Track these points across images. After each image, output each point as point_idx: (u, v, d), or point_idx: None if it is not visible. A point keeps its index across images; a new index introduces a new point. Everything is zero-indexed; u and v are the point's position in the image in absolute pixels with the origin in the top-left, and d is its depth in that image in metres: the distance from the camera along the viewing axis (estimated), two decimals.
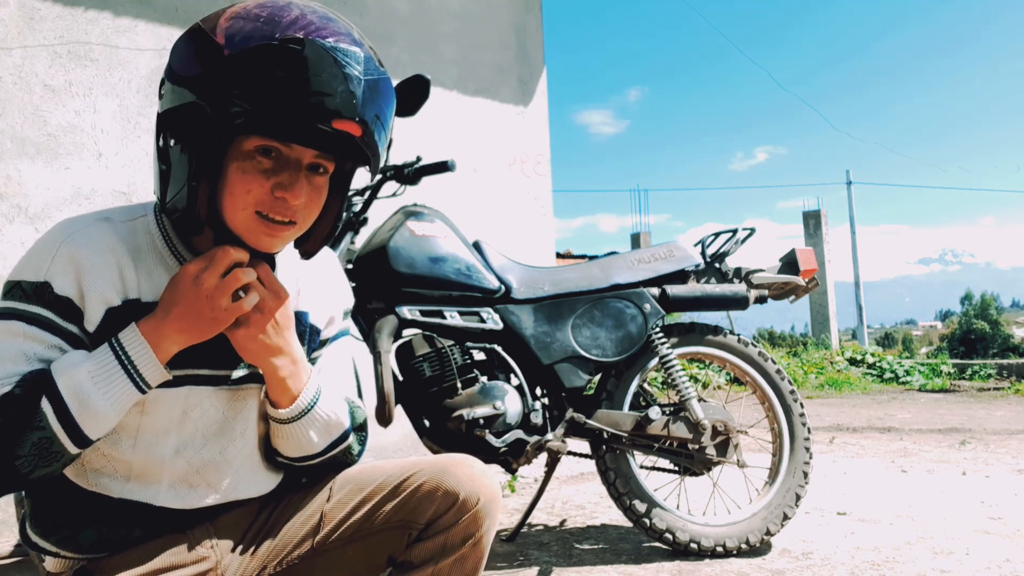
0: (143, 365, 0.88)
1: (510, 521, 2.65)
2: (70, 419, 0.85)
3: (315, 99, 0.84)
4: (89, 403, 0.85)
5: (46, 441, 0.84)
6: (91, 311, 0.91)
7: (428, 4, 3.72)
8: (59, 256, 0.90)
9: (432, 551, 0.98)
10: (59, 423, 0.84)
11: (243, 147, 0.89)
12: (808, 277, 2.46)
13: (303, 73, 0.84)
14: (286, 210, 0.91)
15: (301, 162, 0.91)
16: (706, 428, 2.20)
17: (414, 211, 2.15)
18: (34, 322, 0.89)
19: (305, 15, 0.87)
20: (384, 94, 0.92)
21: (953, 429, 5.05)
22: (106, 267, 0.92)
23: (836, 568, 2.07)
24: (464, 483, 0.99)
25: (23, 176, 2.57)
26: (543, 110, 4.14)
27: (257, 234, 0.92)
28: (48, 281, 0.89)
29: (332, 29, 0.87)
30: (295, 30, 0.85)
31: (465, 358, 2.08)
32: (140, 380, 0.88)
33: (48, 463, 0.86)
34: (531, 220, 4.00)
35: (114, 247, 0.93)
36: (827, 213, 19.36)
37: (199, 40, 0.88)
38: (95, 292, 0.91)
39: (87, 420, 0.86)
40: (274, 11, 0.87)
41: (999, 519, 2.57)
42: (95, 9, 2.76)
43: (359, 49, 0.88)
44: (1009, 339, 23.78)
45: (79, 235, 0.92)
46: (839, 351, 11.65)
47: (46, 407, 0.84)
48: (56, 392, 0.84)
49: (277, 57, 0.84)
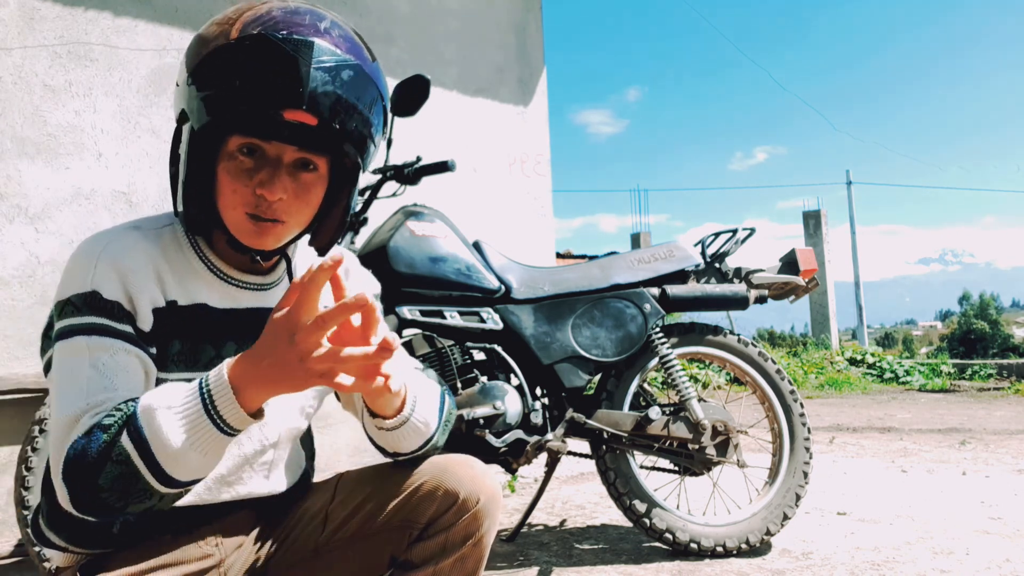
0: (227, 412, 0.81)
1: (510, 521, 2.65)
2: (151, 457, 0.80)
3: (265, 90, 0.87)
4: (169, 444, 0.80)
5: (130, 477, 0.80)
6: (142, 312, 0.93)
7: (428, 4, 3.72)
8: (100, 265, 0.91)
9: (433, 551, 0.98)
10: (142, 460, 0.80)
11: (228, 148, 0.92)
12: (808, 277, 2.46)
13: (255, 66, 0.87)
14: (268, 208, 0.92)
15: (281, 159, 0.92)
16: (706, 428, 2.20)
17: (414, 211, 2.15)
18: (93, 331, 0.89)
19: (271, 12, 0.90)
20: (350, 82, 0.91)
21: (953, 429, 5.05)
22: (145, 271, 0.94)
23: (836, 568, 2.07)
24: (464, 483, 0.99)
25: (23, 176, 2.57)
26: (543, 110, 4.14)
27: (248, 234, 0.94)
28: (96, 290, 0.90)
29: (291, 21, 0.89)
30: (254, 27, 0.88)
31: (465, 358, 2.08)
32: (224, 425, 0.81)
33: (139, 499, 0.82)
34: (531, 220, 3.99)
35: (148, 252, 0.95)
36: (827, 213, 19.35)
37: (193, 46, 0.93)
38: (141, 294, 0.92)
39: (169, 460, 0.80)
40: (243, 10, 0.91)
41: (999, 519, 2.57)
42: (95, 9, 2.76)
43: (318, 38, 0.89)
44: (1009, 339, 23.78)
45: (114, 244, 0.93)
46: (839, 351, 11.64)
47: (127, 443, 0.80)
48: (138, 428, 0.80)
49: (234, 55, 0.88)
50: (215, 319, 0.99)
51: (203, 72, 0.90)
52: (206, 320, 0.98)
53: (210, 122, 0.89)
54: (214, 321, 0.99)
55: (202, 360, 0.98)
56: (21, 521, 2.02)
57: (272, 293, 1.05)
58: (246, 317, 1.02)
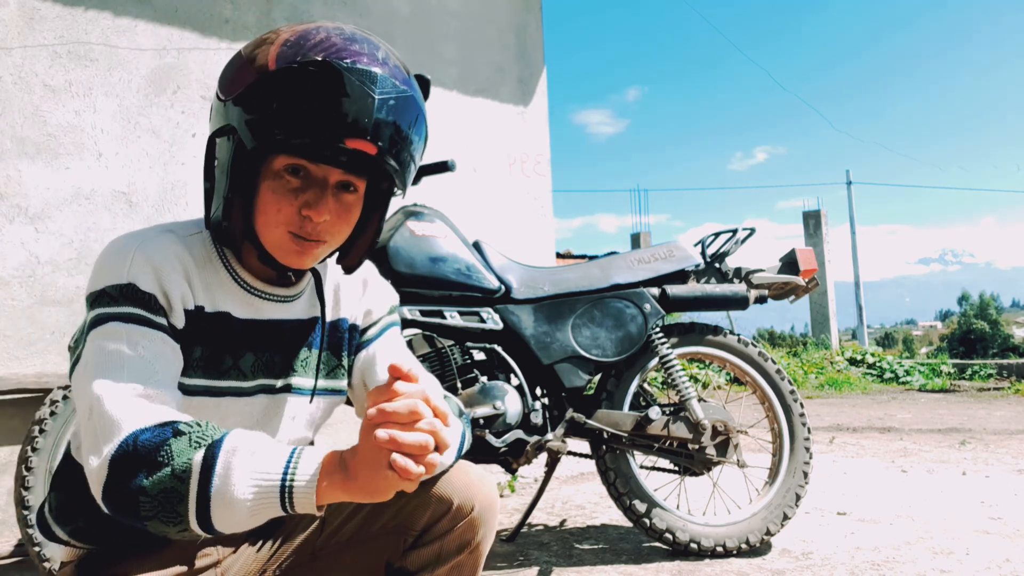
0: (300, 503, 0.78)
1: (510, 521, 2.65)
2: (207, 491, 0.77)
3: (329, 118, 0.87)
4: (231, 490, 0.76)
5: (175, 496, 0.77)
6: (176, 309, 0.92)
7: (428, 4, 3.72)
8: (136, 259, 0.91)
9: (428, 558, 0.99)
10: (197, 488, 0.77)
11: (274, 166, 0.92)
12: (808, 277, 2.46)
13: (317, 93, 0.87)
14: (313, 229, 0.92)
15: (327, 181, 0.93)
16: (706, 428, 2.20)
17: (414, 211, 2.15)
18: (130, 320, 0.88)
19: (330, 37, 0.90)
20: (405, 112, 0.92)
21: (953, 429, 5.05)
22: (176, 272, 0.93)
23: (836, 568, 2.07)
24: (459, 489, 0.99)
25: (23, 176, 2.57)
26: (543, 110, 4.14)
27: (288, 252, 0.94)
28: (132, 282, 0.90)
29: (352, 50, 0.89)
30: (316, 53, 0.88)
31: (465, 358, 2.08)
32: (289, 506, 0.78)
33: (166, 521, 0.78)
34: (531, 220, 4.00)
35: (180, 255, 0.95)
36: (827, 213, 19.35)
37: (238, 64, 0.93)
38: (175, 292, 0.92)
39: (219, 502, 0.77)
40: (303, 35, 0.90)
41: (999, 519, 2.57)
42: (95, 9, 2.76)
43: (379, 68, 0.89)
44: (1009, 339, 23.78)
45: (150, 242, 0.93)
46: (839, 351, 11.64)
47: (196, 463, 0.77)
48: (214, 456, 0.78)
49: (294, 79, 0.87)
50: (236, 329, 0.99)
51: (259, 93, 0.89)
52: (228, 329, 0.98)
53: (267, 144, 0.89)
54: (235, 331, 0.99)
55: (221, 368, 0.98)
56: (21, 521, 2.02)
57: (294, 305, 1.05)
58: (267, 328, 1.02)
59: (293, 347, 1.04)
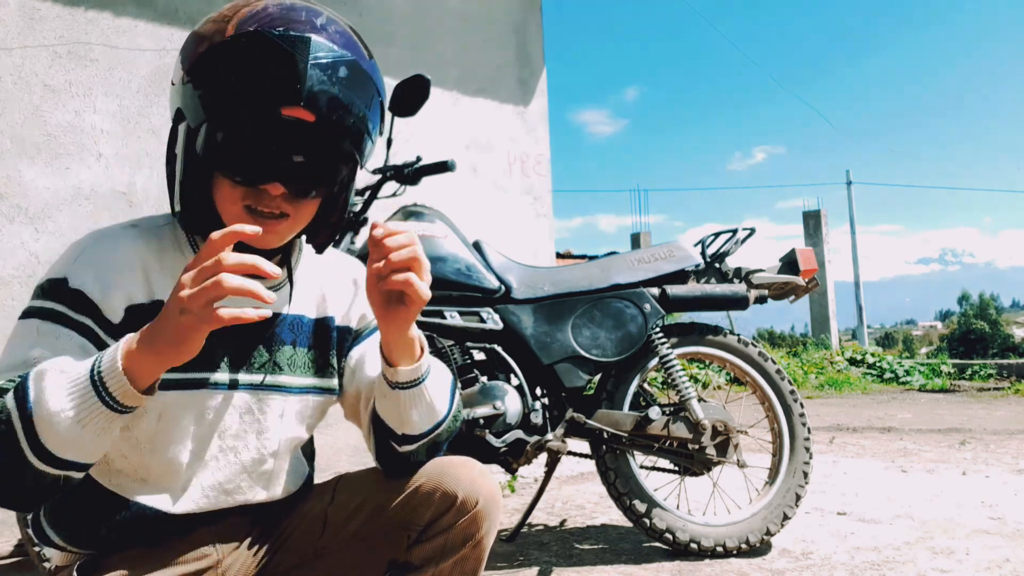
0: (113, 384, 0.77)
1: (510, 521, 2.65)
2: (29, 420, 0.76)
3: (262, 88, 0.86)
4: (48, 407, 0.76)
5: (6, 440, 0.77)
6: (111, 305, 0.91)
7: (428, 4, 3.71)
8: (83, 255, 0.92)
9: (432, 552, 0.98)
10: (20, 423, 0.77)
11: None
12: (808, 277, 2.46)
13: (248, 64, 0.86)
14: (271, 202, 0.91)
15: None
16: (706, 428, 2.20)
17: (414, 211, 2.15)
18: (48, 317, 0.89)
19: (266, 8, 0.89)
20: (349, 78, 0.90)
21: (953, 429, 5.05)
22: (130, 267, 0.93)
23: (836, 568, 2.07)
24: (463, 484, 0.99)
25: (23, 176, 2.57)
26: (543, 110, 4.14)
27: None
28: (65, 277, 0.90)
29: (287, 18, 0.88)
30: (249, 24, 0.88)
31: (465, 358, 2.08)
32: (109, 398, 0.77)
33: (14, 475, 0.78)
34: (531, 220, 4.00)
35: (139, 250, 0.95)
36: (827, 213, 19.35)
37: (187, 43, 0.93)
38: (117, 288, 0.91)
39: (42, 424, 0.76)
40: (239, 7, 0.90)
41: (999, 519, 2.57)
42: (95, 9, 2.76)
43: (314, 34, 0.88)
44: (1009, 339, 23.77)
45: (106, 238, 0.94)
46: (839, 351, 11.64)
47: (10, 400, 0.78)
48: (25, 388, 0.78)
49: (229, 52, 0.87)
50: None
51: (198, 70, 0.89)
52: None
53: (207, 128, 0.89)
54: None
55: (194, 360, 0.96)
56: (21, 521, 2.02)
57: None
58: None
59: (272, 341, 1.02)
